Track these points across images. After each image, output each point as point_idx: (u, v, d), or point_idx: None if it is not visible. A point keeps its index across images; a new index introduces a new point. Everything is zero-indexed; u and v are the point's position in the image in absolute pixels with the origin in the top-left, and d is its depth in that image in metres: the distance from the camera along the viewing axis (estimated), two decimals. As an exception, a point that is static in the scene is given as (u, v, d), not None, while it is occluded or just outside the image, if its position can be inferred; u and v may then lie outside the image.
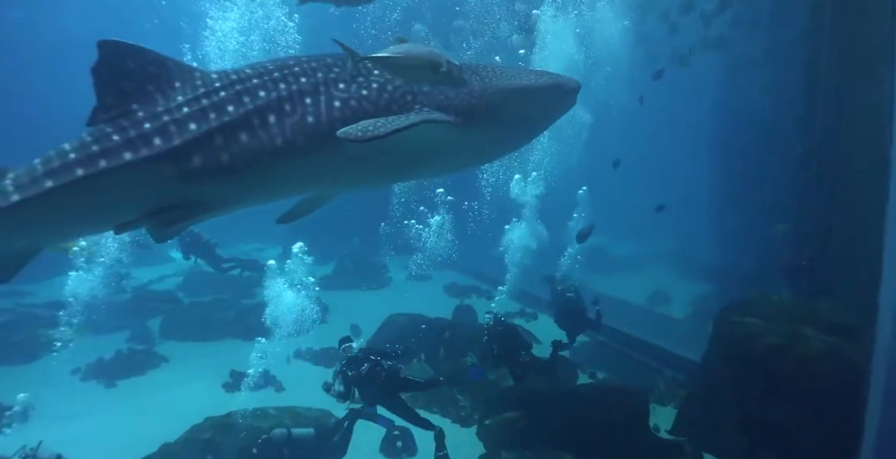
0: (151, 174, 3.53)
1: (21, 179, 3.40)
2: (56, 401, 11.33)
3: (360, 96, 3.88)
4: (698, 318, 13.92)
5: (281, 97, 3.75)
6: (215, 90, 3.70)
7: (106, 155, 3.44)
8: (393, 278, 22.73)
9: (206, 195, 3.76)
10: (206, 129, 3.57)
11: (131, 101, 3.60)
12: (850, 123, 8.66)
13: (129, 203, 3.67)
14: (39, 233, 3.77)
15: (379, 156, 4.01)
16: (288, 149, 3.71)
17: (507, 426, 8.85)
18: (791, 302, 8.06)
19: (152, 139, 3.50)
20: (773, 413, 6.60)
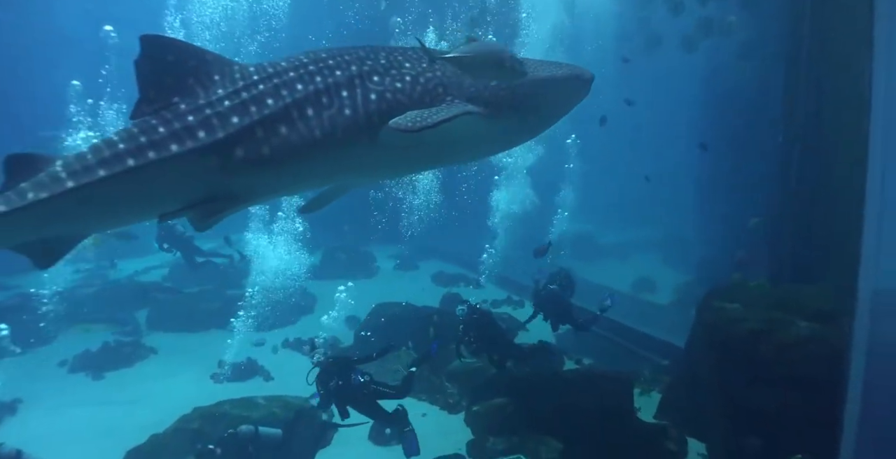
0: (196, 166, 3.64)
1: (73, 167, 3.47)
2: (44, 393, 11.36)
3: (395, 89, 4.01)
4: (683, 305, 14.06)
5: (318, 90, 3.86)
6: (254, 83, 3.80)
7: (154, 146, 3.53)
8: (381, 267, 22.77)
9: (247, 186, 3.88)
10: (247, 122, 3.68)
11: (172, 94, 3.70)
12: (830, 114, 8.76)
13: (174, 193, 3.78)
14: (85, 221, 3.87)
15: (413, 146, 4.16)
16: (326, 140, 3.83)
17: (495, 412, 8.95)
18: (772, 289, 8.18)
19: (197, 132, 3.60)
20: (755, 398, 6.71)
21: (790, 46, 9.65)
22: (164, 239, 14.81)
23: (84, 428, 9.72)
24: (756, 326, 7.01)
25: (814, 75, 9.03)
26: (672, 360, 10.67)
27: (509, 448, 8.37)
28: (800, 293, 7.55)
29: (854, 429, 5.22)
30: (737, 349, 7.05)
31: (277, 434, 7.61)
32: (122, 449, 8.37)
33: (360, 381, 7.83)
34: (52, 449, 8.77)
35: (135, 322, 15.86)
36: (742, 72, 13.59)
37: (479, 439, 8.70)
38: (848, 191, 7.21)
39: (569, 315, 10.69)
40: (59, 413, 10.48)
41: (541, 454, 8.14)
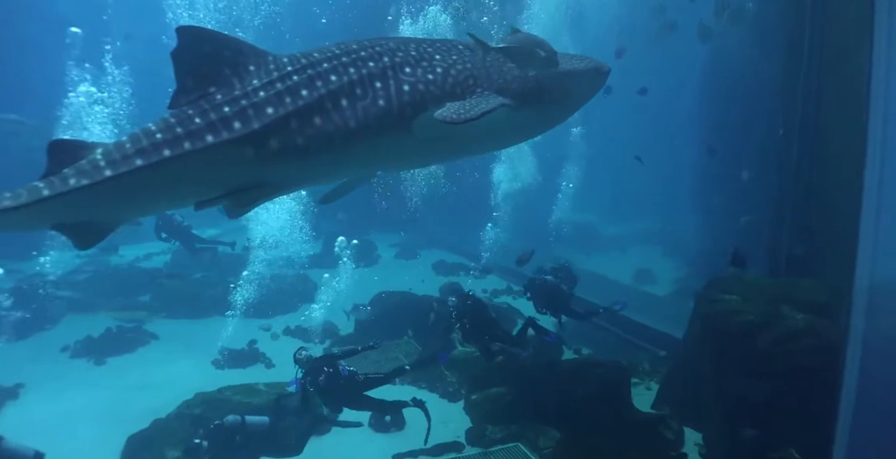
0: (231, 156, 3.72)
1: (112, 156, 3.59)
2: (46, 378, 11.43)
3: (427, 80, 4.09)
4: (681, 296, 14.14)
5: (352, 81, 3.93)
6: (288, 74, 3.87)
7: (190, 137, 3.62)
8: (382, 256, 22.84)
9: (280, 175, 3.96)
10: (282, 113, 3.74)
11: (209, 84, 3.78)
12: (830, 107, 8.79)
13: (209, 182, 3.88)
14: (123, 208, 3.98)
15: (445, 137, 4.26)
16: (360, 131, 3.90)
17: (494, 401, 9.07)
18: (770, 281, 8.23)
19: (232, 123, 3.68)
20: (752, 389, 6.78)
21: (791, 38, 9.64)
22: (162, 228, 14.89)
23: (86, 413, 9.81)
24: (753, 319, 7.07)
25: (814, 68, 9.04)
26: (670, 351, 10.76)
27: (507, 437, 8.48)
28: (797, 286, 7.60)
29: (849, 421, 5.29)
30: (734, 341, 7.12)
31: (264, 421, 7.61)
32: (124, 434, 8.46)
33: (348, 371, 7.85)
34: (55, 434, 8.89)
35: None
36: (743, 63, 13.57)
37: (477, 427, 8.81)
38: (846, 184, 7.26)
39: (564, 305, 10.73)
40: (62, 399, 10.57)
41: (539, 442, 8.24)
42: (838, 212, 8.02)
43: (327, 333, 13.92)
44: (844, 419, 5.33)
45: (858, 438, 5.11)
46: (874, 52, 5.80)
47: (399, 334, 12.95)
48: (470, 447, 8.48)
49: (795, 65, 9.37)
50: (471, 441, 8.58)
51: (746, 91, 12.47)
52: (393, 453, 8.26)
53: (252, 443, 7.39)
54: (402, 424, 9.10)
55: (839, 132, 8.45)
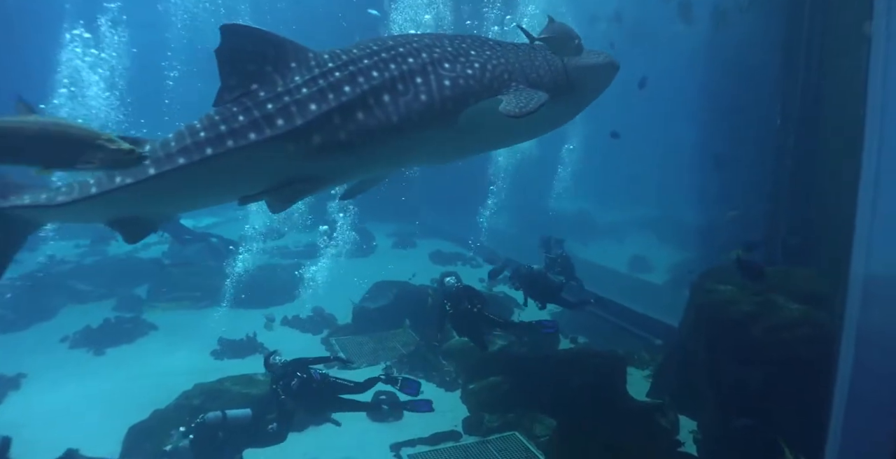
0: (275, 152, 3.77)
1: (157, 153, 3.65)
2: (46, 369, 11.49)
3: (467, 75, 4.18)
4: (677, 285, 14.19)
5: (394, 77, 3.99)
6: (330, 71, 3.91)
7: (233, 135, 3.67)
8: (378, 245, 22.86)
9: (323, 170, 4.02)
10: (325, 110, 3.79)
11: (252, 82, 3.82)
12: (828, 97, 8.80)
13: (253, 178, 3.94)
14: (167, 204, 4.10)
15: (487, 130, 4.40)
16: (403, 125, 3.97)
17: (491, 390, 9.13)
18: (766, 271, 8.27)
19: (275, 120, 3.72)
20: (746, 378, 6.84)
21: (790, 28, 9.63)
22: None
23: (87, 403, 9.87)
24: (749, 308, 7.11)
25: (813, 59, 9.05)
26: (665, 340, 10.83)
27: (504, 425, 8.55)
28: (792, 275, 7.65)
29: (842, 411, 5.33)
30: (729, 330, 7.17)
31: (247, 414, 7.48)
32: (124, 425, 8.51)
33: (321, 375, 7.80)
34: (55, 425, 8.98)
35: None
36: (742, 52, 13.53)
37: (474, 416, 8.88)
38: (842, 172, 7.28)
39: (553, 293, 10.73)
40: (62, 389, 10.63)
41: (535, 431, 8.32)
42: (834, 202, 8.06)
43: (325, 323, 13.96)
44: (838, 409, 5.38)
45: (851, 428, 5.16)
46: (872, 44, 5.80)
47: (397, 324, 13.01)
48: (467, 435, 8.55)
49: (794, 55, 9.37)
50: (468, 430, 8.65)
51: (746, 79, 12.44)
52: (391, 442, 8.32)
53: (236, 437, 7.27)
54: (401, 414, 9.15)
55: (836, 122, 8.47)
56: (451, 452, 8.13)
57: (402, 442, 8.29)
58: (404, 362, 11.09)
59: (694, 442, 7.94)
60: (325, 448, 8.33)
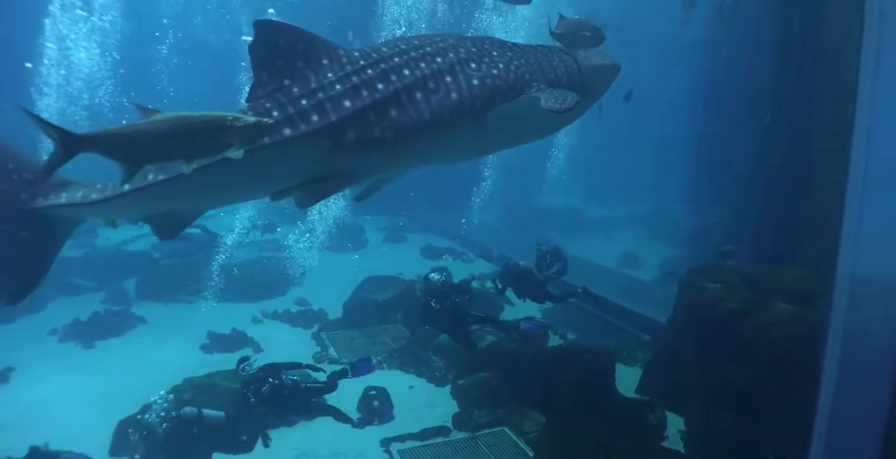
0: (309, 148, 3.81)
1: None
2: (35, 362, 11.45)
3: (493, 75, 4.30)
4: (667, 281, 14.28)
5: (425, 75, 4.08)
6: (362, 68, 3.97)
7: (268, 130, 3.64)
8: (370, 240, 22.85)
9: (355, 166, 4.07)
10: (359, 106, 3.84)
11: (284, 77, 3.85)
12: (817, 95, 8.86)
13: (286, 173, 3.98)
14: (201, 200, 4.12)
15: (508, 128, 4.51)
16: (434, 122, 4.06)
17: (481, 386, 9.18)
18: (754, 269, 8.34)
19: (310, 116, 3.76)
20: (733, 376, 6.90)
21: (782, 29, 9.68)
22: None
23: (76, 397, 9.86)
24: (736, 306, 7.17)
25: (806, 61, 9.11)
26: (654, 336, 10.90)
27: (494, 421, 8.61)
28: (780, 274, 7.71)
29: (828, 409, 5.40)
30: (717, 328, 7.23)
31: (221, 416, 7.46)
32: (114, 419, 8.51)
33: (292, 381, 7.74)
34: (45, 418, 8.96)
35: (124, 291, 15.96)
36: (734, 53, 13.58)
37: (464, 412, 8.93)
38: (831, 173, 7.35)
39: (537, 288, 10.76)
40: (51, 382, 10.60)
41: (524, 427, 8.38)
42: (823, 201, 8.13)
43: (315, 317, 13.96)
44: (824, 407, 5.44)
45: (837, 426, 5.23)
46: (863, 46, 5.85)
47: (387, 319, 13.04)
48: (457, 431, 8.61)
49: (785, 56, 9.42)
50: (457, 426, 8.70)
51: (738, 78, 12.50)
52: (381, 438, 8.35)
53: (209, 436, 7.24)
54: (390, 408, 9.18)
55: (827, 121, 8.52)
56: (440, 447, 8.18)
57: (392, 438, 8.33)
58: (395, 357, 11.12)
59: (681, 439, 8.01)
60: (316, 444, 8.36)
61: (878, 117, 5.76)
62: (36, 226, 3.92)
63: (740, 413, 6.82)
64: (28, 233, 3.90)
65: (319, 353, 11.80)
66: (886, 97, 5.14)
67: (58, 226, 4.03)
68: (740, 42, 12.21)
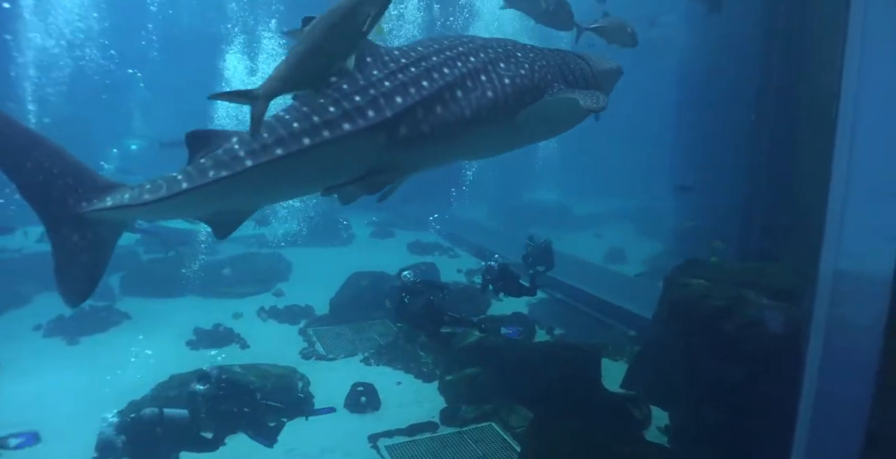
0: (367, 143, 3.89)
1: (251, 146, 3.69)
2: (20, 358, 11.37)
3: (521, 74, 4.47)
4: (651, 276, 14.39)
5: (462, 74, 4.22)
6: (406, 66, 4.08)
7: (327, 125, 3.76)
8: (356, 235, 22.82)
9: (403, 161, 4.16)
10: (409, 103, 3.95)
11: (331, 74, 3.86)
12: (801, 95, 8.94)
13: (343, 168, 4.05)
14: (258, 196, 4.18)
15: (533, 126, 4.68)
16: (474, 119, 4.20)
17: (468, 381, 9.23)
18: (738, 266, 8.42)
19: (366, 111, 3.84)
20: (718, 372, 6.97)
21: (766, 28, 9.76)
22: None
23: (61, 394, 9.80)
24: (721, 303, 7.23)
25: (789, 61, 9.18)
26: (639, 331, 10.99)
27: (481, 416, 8.66)
28: (764, 271, 7.78)
29: (811, 405, 5.47)
30: (701, 325, 7.28)
31: (184, 414, 7.30)
32: (99, 416, 8.46)
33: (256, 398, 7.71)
34: (31, 415, 8.89)
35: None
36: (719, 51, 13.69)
37: (452, 407, 8.97)
38: (814, 172, 7.40)
39: (518, 285, 10.83)
40: (35, 379, 10.53)
41: (511, 422, 8.43)
42: (806, 198, 8.21)
43: (302, 313, 13.94)
44: (806, 403, 5.52)
45: (820, 422, 5.30)
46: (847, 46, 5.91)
47: (374, 314, 13.06)
48: (444, 426, 8.65)
49: (770, 56, 9.50)
50: (445, 421, 8.74)
51: (723, 76, 12.61)
52: (368, 433, 8.37)
53: (173, 436, 7.07)
54: (378, 405, 9.22)
55: (810, 119, 8.60)
56: (427, 443, 8.22)
57: (380, 433, 8.36)
58: (382, 353, 11.15)
59: (666, 433, 8.10)
60: (304, 440, 8.35)
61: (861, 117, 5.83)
62: (85, 230, 3.90)
63: (725, 409, 6.90)
64: (78, 238, 3.89)
65: (306, 349, 11.80)
66: (869, 97, 5.20)
67: (106, 229, 3.99)
68: (724, 40, 12.29)
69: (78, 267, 3.96)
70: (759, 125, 9.76)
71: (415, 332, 10.67)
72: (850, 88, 5.76)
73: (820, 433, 5.23)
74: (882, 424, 3.99)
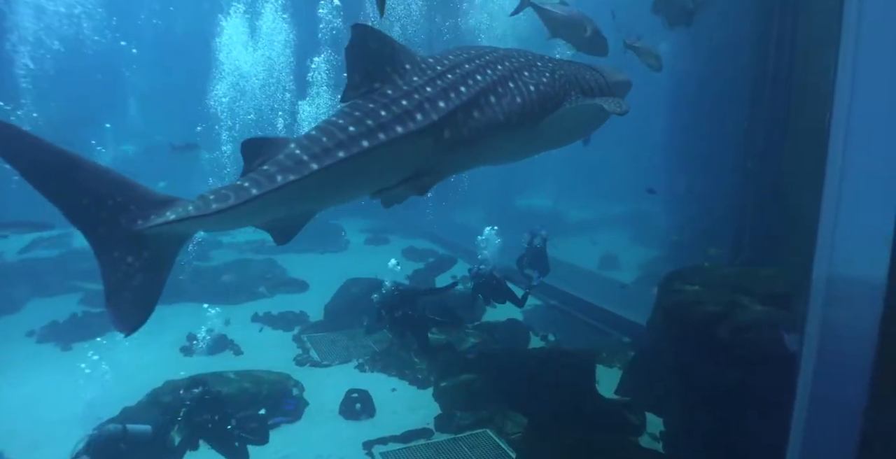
0: (416, 145, 4.01)
1: (312, 150, 3.74)
2: (14, 363, 11.34)
3: (543, 82, 4.68)
4: (645, 282, 14.40)
5: (494, 81, 4.39)
6: (442, 73, 4.22)
7: (382, 128, 3.85)
8: (351, 241, 22.81)
9: (444, 164, 4.31)
10: (451, 107, 4.10)
11: (374, 80, 4.06)
12: (795, 100, 9.00)
13: (396, 170, 4.16)
14: (319, 200, 4.22)
15: (553, 132, 4.85)
16: (506, 124, 4.38)
17: (463, 387, 9.22)
18: (731, 271, 8.45)
19: (415, 115, 3.96)
20: (712, 377, 6.98)
21: (760, 31, 9.79)
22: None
23: (54, 400, 9.76)
24: (714, 308, 7.25)
25: (783, 62, 9.23)
26: (633, 337, 11.01)
27: (476, 423, 8.65)
28: (757, 275, 7.81)
29: (805, 410, 5.49)
30: (695, 330, 7.29)
31: (147, 430, 7.34)
32: (94, 421, 8.42)
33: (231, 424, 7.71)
34: (24, 422, 8.85)
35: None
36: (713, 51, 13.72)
37: (446, 413, 8.96)
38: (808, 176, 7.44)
39: (506, 293, 10.84)
40: (29, 385, 10.50)
41: (506, 428, 8.42)
42: (800, 204, 8.26)
43: (297, 319, 13.92)
44: (800, 408, 5.54)
45: (814, 427, 5.32)
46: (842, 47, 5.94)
47: (368, 321, 13.03)
48: (439, 433, 8.62)
49: (763, 61, 9.55)
50: (440, 428, 8.72)
51: (717, 80, 12.64)
52: (363, 440, 8.35)
53: (137, 451, 7.09)
54: (373, 411, 9.20)
55: (803, 123, 8.66)
56: (422, 449, 8.20)
57: (375, 440, 8.33)
58: (377, 359, 11.13)
59: (661, 439, 8.10)
60: (298, 446, 8.34)
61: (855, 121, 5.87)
62: (142, 249, 3.70)
63: (719, 414, 6.91)
64: (133, 259, 3.69)
65: (301, 356, 11.77)
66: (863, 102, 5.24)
67: (165, 245, 3.80)
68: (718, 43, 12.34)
69: (133, 290, 3.77)
70: (752, 130, 9.81)
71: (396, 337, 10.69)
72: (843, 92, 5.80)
73: (815, 439, 5.25)
74: (876, 426, 4.00)
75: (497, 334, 11.33)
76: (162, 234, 3.67)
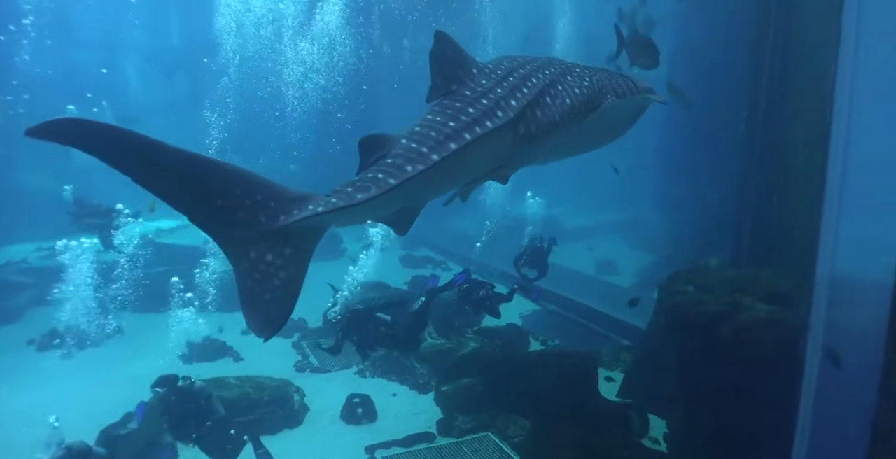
0: (502, 139, 4.29)
1: (429, 142, 3.90)
2: (15, 372, 11.30)
3: (584, 85, 4.98)
4: (644, 287, 14.42)
5: (546, 83, 4.66)
6: (504, 76, 4.50)
7: (476, 123, 4.09)
8: (348, 249, 22.79)
9: (516, 159, 4.61)
10: (522, 105, 4.38)
11: (451, 83, 4.38)
12: (793, 101, 9.04)
13: (486, 161, 4.44)
14: (432, 191, 4.42)
15: (594, 133, 5.17)
16: (560, 122, 4.67)
17: (464, 392, 9.21)
18: (732, 272, 8.47)
19: (496, 111, 4.24)
20: (715, 379, 6.99)
21: (756, 31, 9.82)
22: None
23: (56, 407, 9.65)
24: (715, 309, 7.27)
25: (778, 60, 9.27)
26: (634, 340, 11.02)
27: (478, 426, 8.64)
28: (759, 276, 7.83)
29: (810, 410, 5.50)
30: (696, 331, 7.31)
31: (102, 453, 7.34)
32: (96, 428, 8.42)
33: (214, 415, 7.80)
34: (27, 429, 8.80)
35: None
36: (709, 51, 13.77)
37: (448, 418, 8.94)
38: (808, 177, 7.50)
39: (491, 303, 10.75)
40: (30, 393, 10.45)
41: (508, 431, 8.43)
42: (801, 204, 8.30)
43: (295, 326, 13.90)
44: (805, 408, 5.55)
45: (820, 426, 5.34)
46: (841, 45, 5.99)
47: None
48: (441, 437, 8.62)
49: (761, 56, 9.58)
50: (442, 432, 8.71)
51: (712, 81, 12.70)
52: (365, 444, 8.33)
53: None
54: (374, 416, 9.19)
55: (803, 124, 8.69)
56: (425, 453, 8.19)
57: (377, 444, 8.32)
58: (377, 365, 11.11)
59: (663, 442, 8.10)
60: (300, 451, 8.33)
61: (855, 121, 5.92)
62: (283, 246, 3.63)
63: (722, 415, 6.92)
64: (274, 257, 3.60)
65: (301, 362, 11.75)
66: (863, 101, 5.28)
67: (306, 239, 3.75)
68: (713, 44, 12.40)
69: (273, 289, 3.62)
70: (749, 132, 9.85)
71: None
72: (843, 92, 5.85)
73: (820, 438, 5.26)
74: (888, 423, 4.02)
75: (497, 339, 11.32)
76: (304, 229, 3.62)
